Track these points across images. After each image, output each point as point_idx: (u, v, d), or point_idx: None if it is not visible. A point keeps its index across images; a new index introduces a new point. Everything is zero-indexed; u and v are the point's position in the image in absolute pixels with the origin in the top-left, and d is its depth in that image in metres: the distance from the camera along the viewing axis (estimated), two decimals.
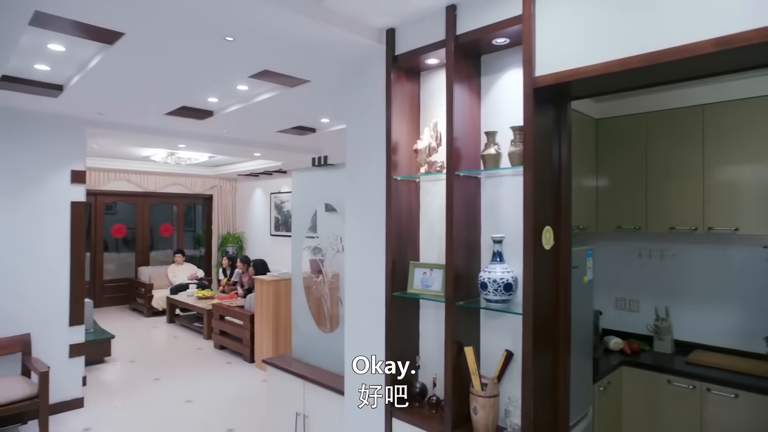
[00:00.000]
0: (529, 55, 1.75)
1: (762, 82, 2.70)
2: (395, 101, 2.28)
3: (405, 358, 2.30)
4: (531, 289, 1.79)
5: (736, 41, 1.32)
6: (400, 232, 2.30)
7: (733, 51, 1.32)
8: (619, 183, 3.24)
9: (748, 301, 3.01)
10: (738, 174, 2.81)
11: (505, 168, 2.01)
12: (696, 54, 1.37)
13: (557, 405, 1.93)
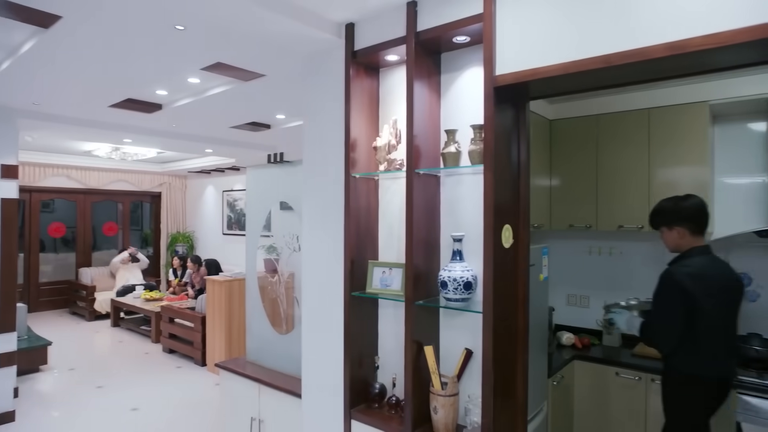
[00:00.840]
0: (489, 53, 1.75)
1: (702, 88, 2.85)
2: (354, 97, 2.24)
3: (364, 358, 2.27)
4: (491, 288, 1.79)
5: (687, 46, 1.36)
6: (358, 230, 2.26)
7: (685, 56, 1.37)
8: (571, 183, 3.33)
9: None
10: (678, 175, 2.95)
11: (465, 166, 2.01)
12: (650, 57, 1.41)
13: (516, 401, 1.96)
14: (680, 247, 2.34)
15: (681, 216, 2.32)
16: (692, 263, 2.24)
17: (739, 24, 1.30)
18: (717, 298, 2.19)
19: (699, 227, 2.30)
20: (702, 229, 2.31)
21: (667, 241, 2.40)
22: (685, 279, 2.18)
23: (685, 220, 2.30)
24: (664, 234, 2.41)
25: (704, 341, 2.18)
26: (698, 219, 2.30)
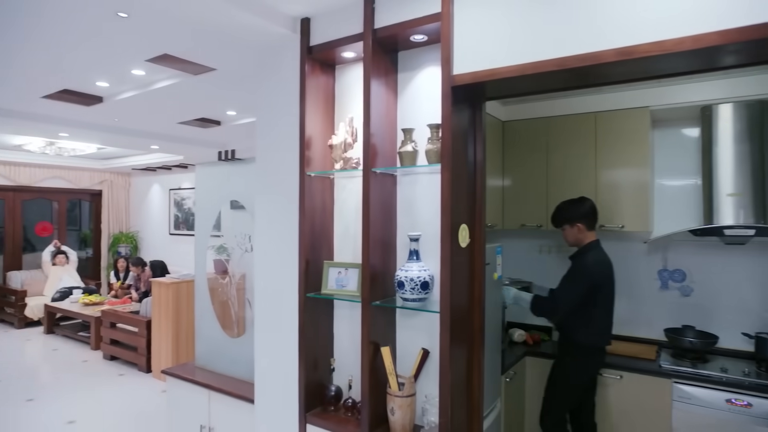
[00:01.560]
0: (447, 53, 1.76)
1: (643, 94, 2.99)
2: (309, 94, 2.19)
3: (319, 360, 2.23)
4: (448, 287, 1.79)
5: (635, 52, 1.41)
6: (313, 230, 2.21)
7: (633, 61, 1.42)
8: (523, 183, 3.41)
9: (631, 291, 3.33)
10: (622, 176, 3.09)
11: (422, 165, 2.00)
12: (601, 62, 1.45)
13: (472, 400, 1.97)
14: (580, 241, 2.81)
15: (580, 214, 2.79)
16: (595, 254, 2.75)
17: (682, 33, 1.36)
18: (610, 283, 2.76)
19: (593, 224, 2.82)
20: (595, 225, 2.83)
21: (568, 236, 2.86)
22: (594, 267, 2.70)
23: (583, 217, 2.79)
24: (566, 231, 2.85)
25: (602, 318, 2.74)
26: (593, 217, 2.82)
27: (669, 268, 3.21)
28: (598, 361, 2.80)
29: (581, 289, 2.67)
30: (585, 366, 2.76)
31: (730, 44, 1.33)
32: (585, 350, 2.74)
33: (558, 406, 2.81)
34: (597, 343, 2.74)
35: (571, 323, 2.76)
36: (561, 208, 2.88)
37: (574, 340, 2.76)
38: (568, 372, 2.78)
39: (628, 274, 3.33)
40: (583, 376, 2.77)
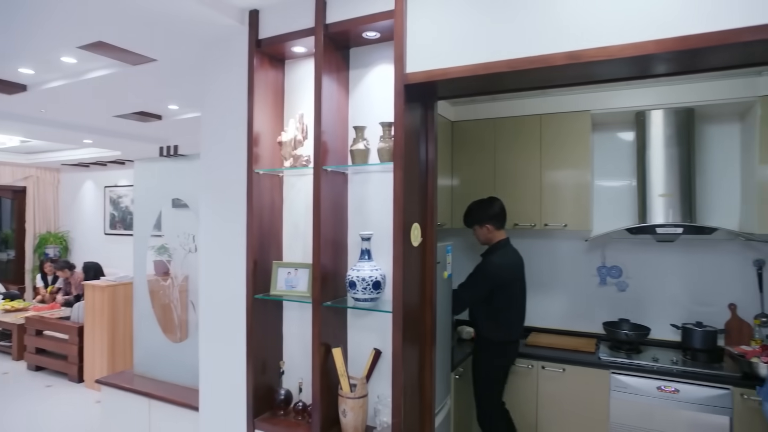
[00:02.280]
0: (400, 51, 1.75)
1: (585, 98, 3.12)
2: (258, 89, 2.12)
3: (268, 364, 2.16)
4: (400, 287, 1.79)
5: (582, 56, 1.46)
6: (262, 229, 2.14)
7: (581, 65, 1.47)
8: (472, 183, 3.47)
9: (573, 287, 3.48)
10: (564, 177, 3.21)
11: (373, 164, 1.99)
12: (551, 64, 1.49)
13: (424, 399, 1.98)
14: (490, 240, 2.94)
15: (489, 215, 2.91)
16: (504, 253, 2.88)
17: (624, 40, 1.42)
18: (519, 280, 2.92)
19: (502, 224, 2.94)
20: (503, 224, 2.95)
21: (479, 236, 2.97)
22: (499, 267, 2.83)
23: (491, 218, 2.90)
24: (476, 230, 2.97)
25: (509, 314, 2.87)
26: (502, 217, 2.93)
27: (607, 264, 3.38)
28: (510, 354, 2.93)
29: (483, 287, 2.80)
30: (498, 359, 2.89)
31: (665, 53, 1.40)
32: (496, 345, 2.87)
33: (487, 400, 2.92)
34: (506, 337, 2.87)
35: (480, 319, 2.89)
36: (471, 210, 2.98)
37: (485, 336, 2.88)
38: (485, 367, 2.89)
39: (571, 271, 3.48)
40: (499, 368, 2.90)
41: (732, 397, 2.61)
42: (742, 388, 2.59)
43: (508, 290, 2.86)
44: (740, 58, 1.58)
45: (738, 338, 2.99)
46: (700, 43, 1.35)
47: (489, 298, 2.83)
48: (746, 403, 2.57)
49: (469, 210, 3.00)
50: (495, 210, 2.93)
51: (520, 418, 3.09)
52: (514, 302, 2.90)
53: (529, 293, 3.32)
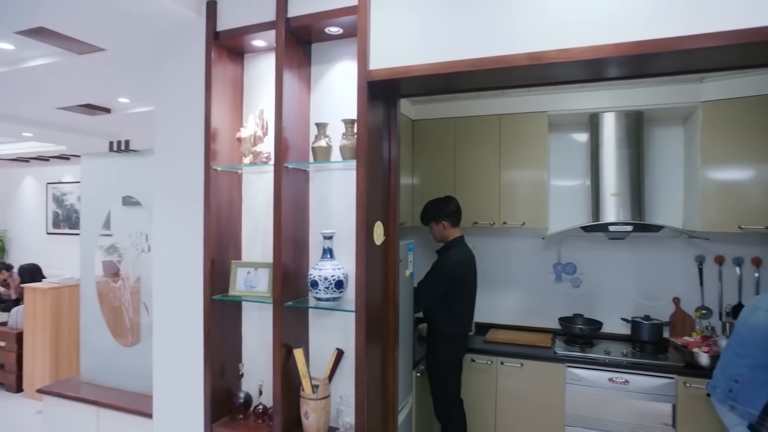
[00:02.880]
0: (364, 47, 1.73)
1: (542, 99, 3.21)
2: (216, 83, 2.05)
3: (227, 367, 2.10)
4: (363, 286, 1.77)
5: (544, 58, 1.49)
6: (220, 228, 2.07)
7: (543, 66, 1.50)
8: (432, 181, 3.50)
9: (530, 284, 3.57)
10: (522, 176, 3.29)
11: (336, 161, 1.96)
12: (513, 65, 1.51)
13: (387, 398, 1.97)
14: (446, 237, 3.01)
15: (445, 212, 2.98)
16: (459, 251, 2.96)
17: (585, 43, 1.46)
18: (472, 276, 3.02)
19: (457, 222, 3.02)
20: (459, 222, 3.04)
21: (435, 233, 3.05)
22: (456, 263, 2.92)
23: (447, 216, 2.98)
24: (432, 227, 3.05)
25: (463, 309, 2.98)
26: (457, 215, 3.02)
27: (562, 261, 3.49)
28: (461, 346, 3.02)
29: (442, 283, 2.88)
30: (454, 352, 2.98)
31: (621, 56, 1.45)
32: (449, 338, 2.95)
33: (445, 395, 2.97)
34: (459, 331, 2.97)
35: (436, 314, 2.95)
36: (427, 207, 3.06)
37: (439, 329, 2.95)
38: (443, 361, 2.96)
39: (528, 268, 3.57)
40: (455, 362, 2.99)
41: (676, 386, 2.75)
42: (685, 376, 2.74)
43: (464, 285, 2.98)
44: (685, 65, 1.66)
45: (681, 330, 3.15)
46: (653, 49, 1.40)
47: (446, 293, 2.92)
48: (688, 391, 2.72)
49: (426, 208, 3.08)
50: (451, 208, 3.02)
51: (480, 414, 3.14)
52: (468, 297, 3.03)
53: (489, 290, 3.40)
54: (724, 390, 2.14)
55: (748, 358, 2.08)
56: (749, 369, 2.07)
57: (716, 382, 2.20)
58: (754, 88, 2.74)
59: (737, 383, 2.09)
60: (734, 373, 2.12)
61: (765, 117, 2.72)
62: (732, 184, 2.82)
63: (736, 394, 2.08)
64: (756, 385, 2.04)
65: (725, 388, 2.13)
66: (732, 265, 3.10)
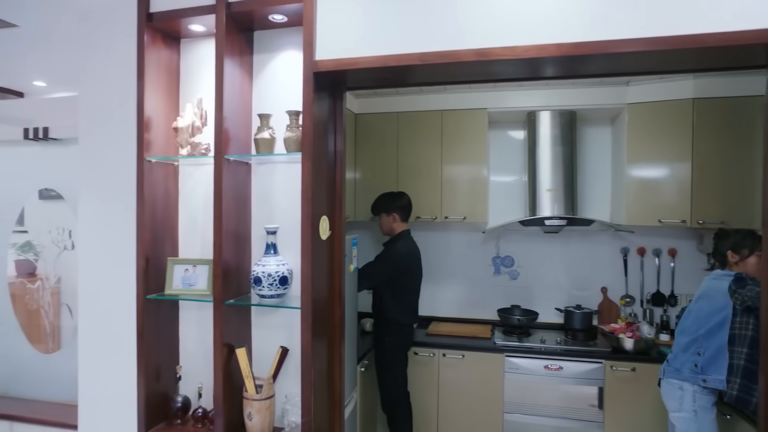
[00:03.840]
0: (310, 36, 1.68)
1: (482, 96, 3.29)
2: (149, 69, 1.91)
3: (162, 370, 1.98)
4: (309, 282, 1.73)
5: (490, 54, 1.52)
6: (155, 223, 1.95)
7: (489, 62, 1.53)
8: (375, 176, 3.50)
9: (470, 277, 3.66)
10: (463, 172, 3.36)
11: (280, 154, 1.90)
12: (461, 60, 1.53)
13: (334, 395, 1.94)
14: (393, 230, 3.09)
15: (398, 205, 3.08)
16: (406, 243, 3.06)
17: (530, 41, 1.50)
18: (419, 268, 3.12)
19: (407, 216, 3.12)
20: (408, 218, 3.13)
21: (383, 224, 3.12)
22: (404, 254, 3.02)
23: (399, 209, 3.08)
24: (382, 219, 3.11)
25: (412, 299, 3.10)
26: (408, 210, 3.12)
27: (501, 255, 3.61)
28: (409, 336, 3.11)
29: (388, 269, 2.96)
30: (400, 341, 3.04)
31: (563, 56, 1.50)
32: (399, 326, 3.02)
33: (394, 386, 3.01)
34: (406, 319, 3.07)
35: (387, 303, 3.01)
36: (381, 199, 3.14)
37: (389, 319, 3.01)
38: (390, 351, 3.01)
39: (469, 262, 3.66)
40: (400, 351, 3.05)
41: (604, 369, 2.93)
42: (612, 360, 2.93)
43: (411, 276, 3.08)
44: (616, 67, 1.76)
45: (608, 317, 3.36)
46: (591, 50, 1.47)
47: (394, 282, 3.00)
48: (615, 374, 2.91)
49: (380, 199, 3.14)
50: (403, 202, 3.11)
51: (423, 405, 3.19)
52: (415, 288, 3.13)
53: (431, 284, 3.45)
54: (690, 369, 2.37)
55: (702, 329, 2.35)
56: (705, 338, 2.34)
57: (679, 365, 2.42)
58: (672, 93, 2.96)
59: (700, 356, 2.33)
60: (695, 348, 2.36)
61: (681, 120, 2.95)
62: (653, 181, 3.04)
63: (702, 367, 2.33)
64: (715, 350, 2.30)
65: (691, 366, 2.36)
66: (652, 256, 3.35)
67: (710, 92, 2.90)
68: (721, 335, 2.31)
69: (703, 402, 2.33)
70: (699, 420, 2.34)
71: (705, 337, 2.36)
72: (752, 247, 2.34)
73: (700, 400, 2.33)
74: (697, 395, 2.33)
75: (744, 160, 2.85)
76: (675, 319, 3.26)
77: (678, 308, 3.27)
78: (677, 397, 2.41)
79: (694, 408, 2.34)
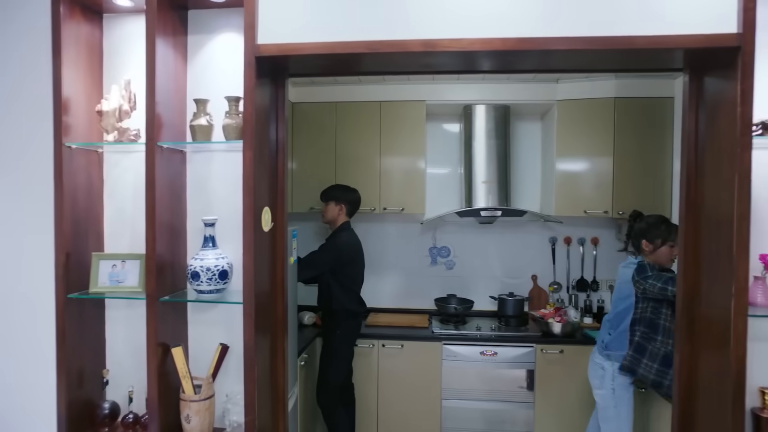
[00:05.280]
0: (252, 18, 1.60)
1: (421, 88, 3.32)
2: (68, 45, 1.74)
3: (87, 375, 1.83)
4: (252, 275, 1.66)
5: (437, 45, 1.52)
6: (76, 216, 1.79)
7: (436, 54, 1.53)
8: (312, 166, 3.43)
9: (408, 267, 3.71)
10: (401, 163, 3.39)
11: (218, 142, 1.81)
12: (409, 50, 1.52)
13: (277, 391, 1.89)
14: (336, 221, 3.10)
15: (348, 198, 3.11)
16: (350, 234, 3.10)
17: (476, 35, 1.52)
18: (360, 259, 3.16)
19: (353, 211, 3.16)
20: (353, 214, 3.17)
21: (330, 213, 3.11)
22: (348, 245, 3.06)
23: (349, 202, 3.11)
24: (330, 207, 3.10)
25: (356, 288, 3.13)
26: (357, 206, 3.18)
27: (437, 245, 3.68)
28: (357, 327, 3.13)
29: (332, 258, 2.99)
30: (349, 332, 3.06)
31: (507, 50, 1.54)
32: (348, 317, 3.04)
33: (334, 375, 3.01)
34: (360, 308, 3.13)
35: (338, 293, 3.02)
36: (335, 187, 3.17)
37: (339, 309, 3.02)
38: (336, 341, 3.02)
39: (406, 253, 3.71)
40: (349, 343, 3.07)
41: (535, 353, 3.09)
42: (542, 344, 3.09)
43: (355, 266, 3.12)
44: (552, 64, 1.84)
45: (538, 304, 3.55)
46: (535, 46, 1.52)
47: (340, 273, 3.02)
48: (545, 356, 3.08)
49: (334, 187, 3.17)
50: (355, 197, 3.15)
51: (363, 396, 3.20)
52: (358, 278, 3.16)
53: (370, 275, 3.44)
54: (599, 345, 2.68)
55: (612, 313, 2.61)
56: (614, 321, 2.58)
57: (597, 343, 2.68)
58: (597, 91, 3.16)
59: (610, 336, 2.56)
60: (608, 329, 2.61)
61: (604, 117, 3.16)
62: (579, 174, 3.23)
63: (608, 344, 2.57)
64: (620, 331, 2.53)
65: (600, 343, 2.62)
66: (577, 245, 3.57)
67: (629, 92, 3.12)
68: (626, 320, 2.52)
69: (620, 381, 2.53)
70: (617, 397, 2.54)
71: (613, 321, 2.61)
72: (665, 238, 2.49)
73: (618, 379, 2.53)
74: (616, 375, 2.52)
75: (657, 157, 3.11)
76: (597, 303, 3.51)
77: (599, 293, 3.51)
78: (599, 376, 2.60)
79: (613, 386, 2.54)
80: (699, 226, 1.72)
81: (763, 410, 1.71)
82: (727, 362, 1.52)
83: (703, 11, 1.50)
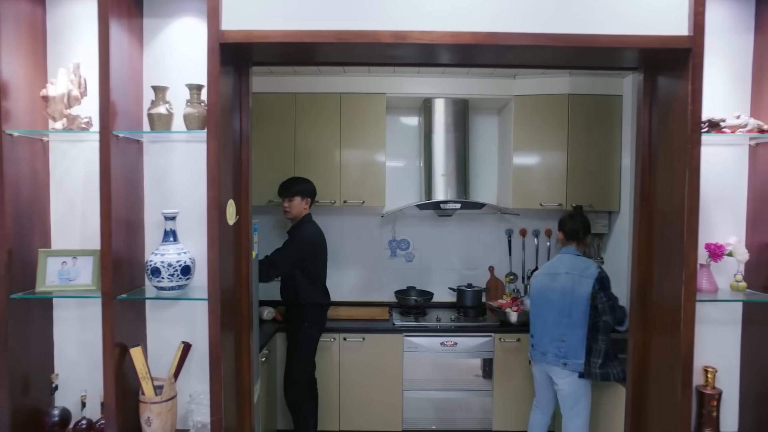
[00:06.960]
0: (215, 3, 1.53)
1: (382, 81, 3.30)
2: (5, 24, 1.60)
3: (33, 380, 1.71)
4: (217, 270, 1.60)
5: (408, 37, 1.52)
6: (19, 210, 1.66)
7: (405, 45, 1.53)
8: (270, 158, 3.34)
9: (368, 260, 3.71)
10: (361, 156, 3.37)
11: (179, 131, 1.73)
12: (379, 41, 1.51)
13: (242, 389, 1.84)
14: (300, 214, 3.05)
15: (311, 190, 3.09)
16: (314, 226, 3.07)
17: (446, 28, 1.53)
18: (325, 250, 3.14)
19: (313, 202, 3.13)
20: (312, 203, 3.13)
21: (295, 207, 3.04)
22: (314, 237, 3.04)
23: (312, 195, 3.10)
24: (295, 202, 3.03)
25: (322, 279, 3.12)
26: (315, 196, 3.14)
27: (397, 238, 3.70)
28: (323, 319, 3.10)
29: (298, 255, 2.95)
30: (317, 326, 3.04)
31: (476, 44, 1.56)
32: (316, 310, 3.02)
33: (300, 371, 2.98)
34: (323, 300, 3.08)
35: (304, 286, 2.98)
36: (296, 180, 3.09)
37: (307, 303, 2.98)
38: (304, 336, 2.99)
39: (366, 246, 3.70)
40: (316, 338, 3.04)
41: (493, 342, 3.17)
42: (500, 333, 3.18)
43: (320, 259, 3.09)
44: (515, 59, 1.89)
45: (495, 294, 3.64)
46: (502, 40, 1.55)
47: (306, 266, 2.98)
48: (503, 345, 3.17)
49: (297, 180, 3.08)
50: (314, 187, 3.11)
51: (324, 390, 3.18)
52: (323, 270, 3.13)
53: (330, 268, 3.41)
54: (555, 353, 2.57)
55: (566, 319, 2.54)
56: (570, 328, 2.53)
57: (544, 349, 2.62)
58: (552, 87, 3.26)
59: (564, 342, 2.54)
60: (559, 335, 2.57)
61: (559, 113, 3.27)
62: (535, 168, 3.33)
63: (566, 352, 2.53)
64: (577, 340, 2.51)
65: (555, 351, 2.55)
66: (532, 236, 3.69)
67: (582, 89, 3.25)
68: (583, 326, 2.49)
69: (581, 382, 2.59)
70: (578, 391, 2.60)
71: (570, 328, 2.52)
72: None
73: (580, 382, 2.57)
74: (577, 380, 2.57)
75: (607, 152, 3.26)
76: None
77: None
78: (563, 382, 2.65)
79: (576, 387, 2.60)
80: (652, 218, 1.82)
81: (705, 387, 1.84)
82: (677, 345, 1.62)
83: (658, 14, 1.58)
